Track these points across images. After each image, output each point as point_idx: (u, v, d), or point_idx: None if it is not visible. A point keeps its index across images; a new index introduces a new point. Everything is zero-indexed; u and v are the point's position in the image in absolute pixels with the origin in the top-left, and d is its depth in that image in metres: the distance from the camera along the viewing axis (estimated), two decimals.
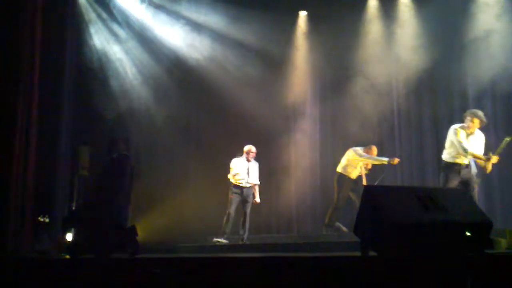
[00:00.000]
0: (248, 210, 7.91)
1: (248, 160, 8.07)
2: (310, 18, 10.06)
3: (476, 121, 6.38)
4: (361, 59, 9.11)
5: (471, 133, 6.42)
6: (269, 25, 9.34)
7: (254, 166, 8.13)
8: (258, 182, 8.12)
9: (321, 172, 9.48)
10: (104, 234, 4.60)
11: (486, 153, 6.42)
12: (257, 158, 8.24)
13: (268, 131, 10.17)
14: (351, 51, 9.20)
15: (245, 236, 7.78)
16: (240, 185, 7.94)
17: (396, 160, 7.73)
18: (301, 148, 9.74)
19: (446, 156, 6.54)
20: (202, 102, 10.53)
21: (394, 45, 8.98)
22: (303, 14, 10.13)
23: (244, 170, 7.99)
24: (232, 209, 7.89)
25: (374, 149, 7.96)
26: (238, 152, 8.24)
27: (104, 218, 4.77)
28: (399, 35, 8.97)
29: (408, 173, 8.75)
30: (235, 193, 7.92)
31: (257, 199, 8.06)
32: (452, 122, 8.26)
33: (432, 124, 8.72)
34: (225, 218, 7.89)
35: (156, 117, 9.75)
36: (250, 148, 8.12)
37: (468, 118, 6.41)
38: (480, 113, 6.41)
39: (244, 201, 7.93)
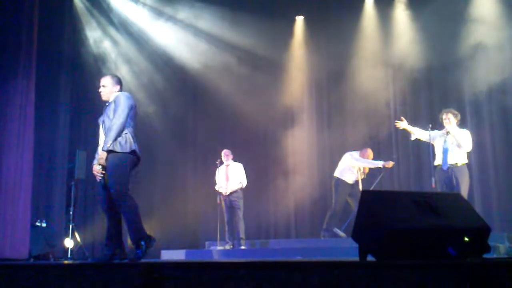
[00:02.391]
0: (239, 215, 7.80)
1: (226, 165, 8.01)
2: (307, 23, 10.09)
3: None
4: (358, 62, 9.12)
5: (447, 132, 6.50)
6: (266, 29, 9.36)
7: (235, 169, 8.01)
8: (243, 184, 7.96)
9: (319, 176, 9.47)
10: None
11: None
12: (255, 161, 8.20)
13: (266, 135, 10.18)
14: (348, 55, 9.21)
15: (242, 242, 7.72)
16: (223, 193, 7.92)
17: (391, 164, 7.76)
18: (299, 152, 9.73)
19: None
20: (198, 106, 10.55)
21: (391, 48, 8.99)
22: (300, 18, 10.16)
23: (222, 178, 7.97)
24: (226, 216, 7.87)
25: (370, 152, 7.97)
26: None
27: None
28: (396, 39, 8.99)
29: (405, 176, 8.75)
30: (224, 200, 7.92)
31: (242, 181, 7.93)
32: None
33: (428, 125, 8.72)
34: (226, 225, 7.88)
35: (153, 121, 9.75)
36: (224, 152, 8.09)
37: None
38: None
39: (232, 207, 7.88)
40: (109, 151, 4.45)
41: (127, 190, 4.47)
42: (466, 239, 2.97)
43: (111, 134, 4.46)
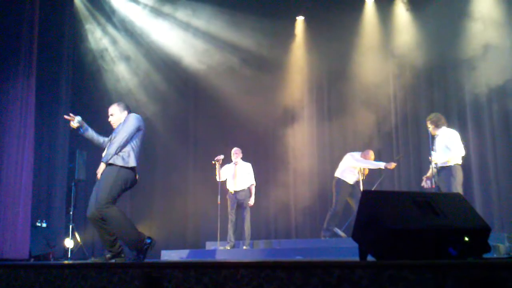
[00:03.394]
0: (246, 215, 7.73)
1: (235, 163, 7.93)
2: (307, 23, 10.09)
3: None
4: (358, 61, 9.12)
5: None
6: (267, 30, 9.37)
7: (244, 168, 7.91)
8: (252, 183, 7.89)
9: (319, 176, 9.48)
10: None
11: None
12: (255, 162, 8.17)
13: (266, 135, 10.19)
14: (349, 55, 9.22)
15: (246, 242, 7.69)
16: (231, 191, 7.84)
17: (393, 165, 7.75)
18: (299, 152, 9.74)
19: None
20: (199, 106, 10.55)
21: (391, 49, 8.99)
22: (300, 18, 10.17)
23: (230, 175, 7.87)
24: (231, 215, 7.77)
25: (371, 154, 7.96)
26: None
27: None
28: (397, 38, 8.99)
29: (406, 176, 8.75)
30: (230, 198, 7.84)
31: (251, 201, 7.81)
32: (448, 124, 8.30)
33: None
34: (228, 225, 7.80)
35: (154, 120, 9.75)
36: (234, 150, 7.98)
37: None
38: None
39: (239, 206, 7.81)
40: (109, 164, 4.55)
41: (113, 201, 4.50)
42: (466, 239, 2.97)
43: (113, 147, 4.59)
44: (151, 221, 9.11)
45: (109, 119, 4.93)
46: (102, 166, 4.59)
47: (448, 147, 6.41)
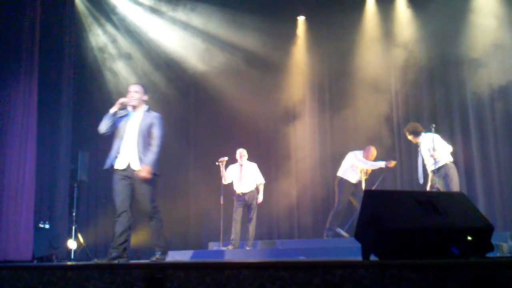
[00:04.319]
0: (253, 216, 7.69)
1: (241, 164, 7.88)
2: (309, 22, 10.09)
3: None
4: (359, 62, 9.11)
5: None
6: (268, 30, 9.36)
7: (250, 169, 7.87)
8: (260, 182, 7.85)
9: (322, 176, 9.47)
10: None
11: None
12: (257, 162, 8.15)
13: (268, 135, 10.18)
14: (349, 55, 9.21)
15: (250, 242, 7.66)
16: (238, 192, 7.81)
17: (393, 163, 7.75)
18: (301, 152, 9.73)
19: None
20: (200, 106, 10.56)
21: (392, 48, 8.98)
22: (301, 18, 10.17)
23: (236, 177, 7.83)
24: (236, 216, 7.72)
25: (374, 150, 7.93)
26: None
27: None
28: (398, 37, 8.97)
29: (408, 175, 8.73)
30: (237, 200, 7.80)
31: (259, 199, 7.78)
32: (451, 123, 8.30)
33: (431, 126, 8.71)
34: (232, 226, 7.76)
35: None
36: (239, 152, 7.94)
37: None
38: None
39: (246, 206, 7.77)
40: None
41: (157, 205, 5.09)
42: (469, 238, 2.97)
43: (154, 155, 5.10)
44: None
45: (131, 95, 4.96)
46: (149, 169, 4.96)
47: (434, 149, 6.76)
